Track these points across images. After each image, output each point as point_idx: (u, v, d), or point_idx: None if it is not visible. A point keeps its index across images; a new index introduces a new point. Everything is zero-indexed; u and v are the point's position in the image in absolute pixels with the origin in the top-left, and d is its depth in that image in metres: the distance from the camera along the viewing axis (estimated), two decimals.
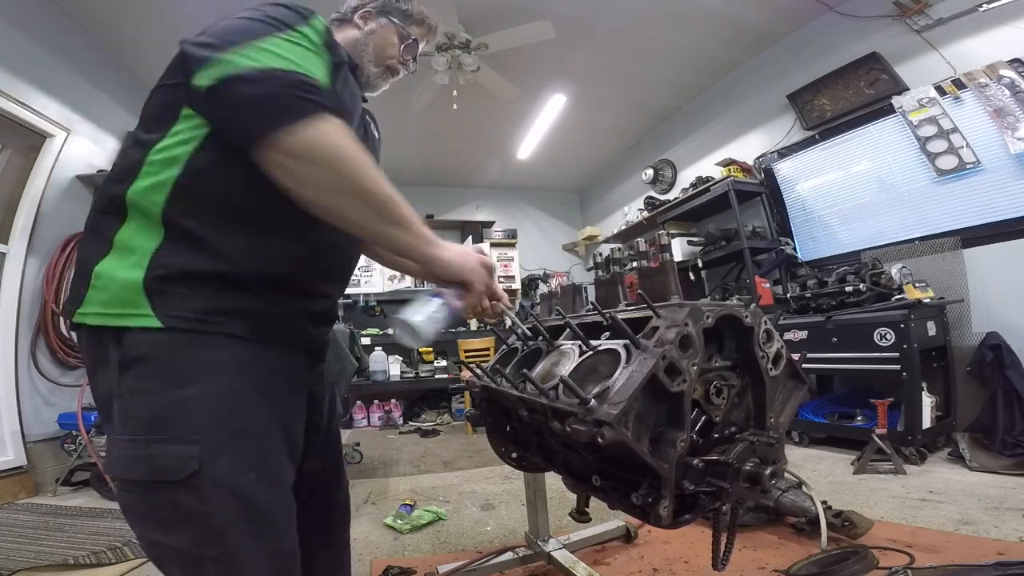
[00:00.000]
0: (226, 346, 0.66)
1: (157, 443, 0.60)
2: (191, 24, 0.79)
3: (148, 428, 0.60)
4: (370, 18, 1.01)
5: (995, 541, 1.37)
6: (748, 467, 0.71)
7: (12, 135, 2.55)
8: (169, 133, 0.66)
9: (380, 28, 1.00)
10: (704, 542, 1.39)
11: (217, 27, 0.70)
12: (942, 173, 2.57)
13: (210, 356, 0.65)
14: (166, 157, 0.65)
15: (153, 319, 0.62)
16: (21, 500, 2.23)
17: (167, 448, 0.59)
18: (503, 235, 5.72)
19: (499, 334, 1.39)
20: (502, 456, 1.23)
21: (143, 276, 0.62)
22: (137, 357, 0.62)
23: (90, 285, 0.64)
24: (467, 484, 2.39)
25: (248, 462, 0.64)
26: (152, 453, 0.59)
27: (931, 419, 2.24)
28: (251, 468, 0.64)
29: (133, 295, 0.62)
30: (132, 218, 0.65)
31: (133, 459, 0.60)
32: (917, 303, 2.31)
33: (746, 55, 3.71)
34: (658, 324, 0.77)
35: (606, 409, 0.67)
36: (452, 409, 4.51)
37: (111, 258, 0.64)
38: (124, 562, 1.51)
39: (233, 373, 0.66)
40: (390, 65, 1.03)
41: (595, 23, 3.21)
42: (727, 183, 3.42)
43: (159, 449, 0.59)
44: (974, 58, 2.47)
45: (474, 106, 3.99)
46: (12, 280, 2.47)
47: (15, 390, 2.40)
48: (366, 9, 1.01)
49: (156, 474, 0.59)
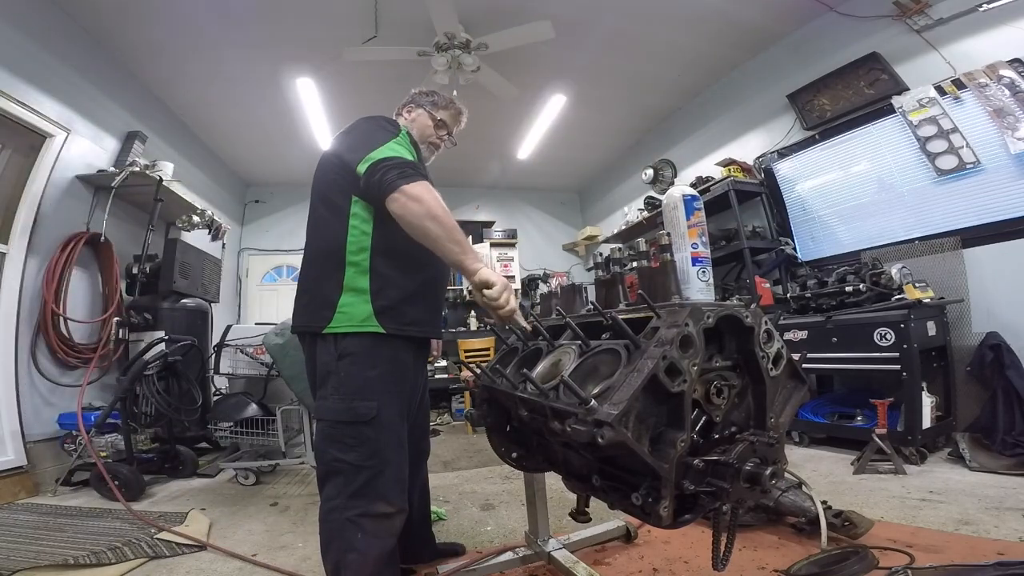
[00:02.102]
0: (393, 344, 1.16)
1: (358, 400, 1.10)
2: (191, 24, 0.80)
3: (354, 392, 1.10)
4: (411, 111, 1.47)
5: (995, 541, 1.36)
6: (748, 467, 0.71)
7: (12, 135, 2.55)
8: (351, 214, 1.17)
9: (418, 116, 1.45)
10: (704, 542, 1.38)
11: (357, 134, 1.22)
12: (942, 173, 2.57)
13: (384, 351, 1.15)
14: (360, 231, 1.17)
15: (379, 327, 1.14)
16: (21, 500, 2.22)
17: (363, 403, 1.09)
18: (503, 235, 5.72)
19: (499, 334, 1.39)
20: (502, 456, 1.23)
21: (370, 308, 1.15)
22: (349, 352, 1.12)
23: (336, 311, 1.14)
24: (467, 484, 2.39)
25: (399, 411, 1.16)
26: (354, 406, 1.09)
27: (931, 419, 2.24)
28: (398, 415, 1.16)
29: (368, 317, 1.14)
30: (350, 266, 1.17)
31: (342, 410, 1.10)
32: (917, 303, 2.31)
33: (746, 55, 3.71)
34: (658, 324, 0.77)
35: (606, 409, 0.67)
36: (452, 409, 4.51)
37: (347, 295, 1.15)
38: (124, 562, 1.51)
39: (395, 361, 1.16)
40: (432, 142, 1.46)
41: (595, 23, 3.20)
42: (727, 183, 3.42)
43: (359, 404, 1.09)
44: (974, 58, 2.47)
45: (474, 106, 3.94)
46: (12, 280, 2.47)
47: (15, 390, 2.40)
48: (408, 105, 1.49)
49: (357, 417, 1.09)
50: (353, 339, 1.13)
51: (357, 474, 1.06)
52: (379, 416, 1.09)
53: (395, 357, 1.17)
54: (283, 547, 1.65)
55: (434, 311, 1.30)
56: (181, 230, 3.60)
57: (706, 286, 0.99)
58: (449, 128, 1.48)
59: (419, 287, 1.22)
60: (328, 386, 1.13)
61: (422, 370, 1.38)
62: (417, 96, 1.48)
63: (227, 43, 3.19)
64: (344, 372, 1.12)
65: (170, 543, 1.66)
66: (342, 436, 1.09)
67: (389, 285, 1.17)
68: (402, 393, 1.18)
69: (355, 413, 1.08)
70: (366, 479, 1.06)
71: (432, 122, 1.44)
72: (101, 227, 2.92)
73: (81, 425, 2.30)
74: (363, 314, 1.14)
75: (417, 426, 1.38)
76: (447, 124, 1.47)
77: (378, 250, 1.17)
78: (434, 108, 1.45)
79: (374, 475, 1.07)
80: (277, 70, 3.48)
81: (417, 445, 1.39)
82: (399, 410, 1.16)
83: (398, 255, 1.18)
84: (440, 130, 1.46)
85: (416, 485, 1.42)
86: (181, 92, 3.75)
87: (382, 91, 3.11)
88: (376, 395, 1.11)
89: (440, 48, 3.05)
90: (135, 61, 3.33)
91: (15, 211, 2.55)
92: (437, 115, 1.45)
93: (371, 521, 1.05)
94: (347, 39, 3.06)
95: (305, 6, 2.90)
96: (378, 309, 1.14)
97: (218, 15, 2.92)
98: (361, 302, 1.14)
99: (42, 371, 2.58)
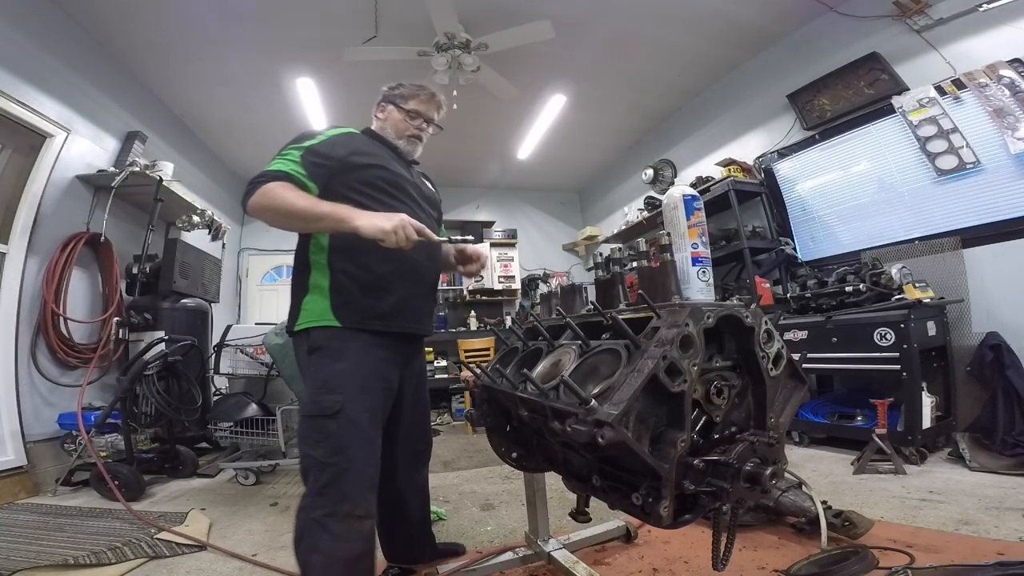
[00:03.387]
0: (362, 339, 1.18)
1: (323, 393, 1.10)
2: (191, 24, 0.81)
3: (320, 384, 1.12)
4: (384, 109, 1.43)
5: (995, 541, 1.36)
6: (748, 467, 0.71)
7: (12, 135, 2.55)
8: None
9: (390, 113, 1.42)
10: (704, 542, 1.38)
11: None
12: (942, 173, 2.57)
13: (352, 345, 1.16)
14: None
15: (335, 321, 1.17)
16: (21, 500, 2.22)
17: (327, 397, 1.10)
18: (503, 235, 5.72)
19: (499, 334, 1.39)
20: (502, 456, 1.23)
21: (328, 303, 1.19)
22: (317, 345, 1.16)
23: (301, 309, 1.21)
24: (467, 484, 2.39)
25: (367, 409, 1.14)
26: (319, 399, 1.10)
27: (931, 419, 2.24)
28: (367, 412, 1.13)
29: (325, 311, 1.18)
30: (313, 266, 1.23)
31: (309, 403, 1.12)
32: (917, 303, 2.31)
33: (746, 55, 3.71)
34: (659, 324, 0.77)
35: (606, 409, 0.67)
36: (452, 409, 4.51)
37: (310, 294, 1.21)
38: (124, 562, 1.51)
39: (365, 356, 1.17)
40: (410, 135, 1.42)
41: (595, 23, 3.20)
42: (727, 183, 3.42)
43: (323, 397, 1.10)
44: (974, 58, 2.47)
45: (474, 106, 3.98)
46: (12, 280, 2.47)
47: (15, 390, 2.40)
48: (380, 104, 1.45)
49: (321, 411, 1.09)
50: (320, 333, 1.16)
51: (322, 472, 1.06)
52: (343, 411, 1.08)
53: (365, 352, 1.17)
54: (283, 547, 1.65)
55: (408, 305, 1.28)
56: (181, 230, 3.60)
57: (706, 286, 0.99)
58: (425, 115, 1.43)
59: (380, 281, 1.22)
60: (305, 382, 1.19)
61: (410, 368, 1.36)
62: (386, 93, 1.45)
63: (227, 43, 3.19)
64: (313, 365, 1.15)
65: (170, 543, 1.66)
66: (309, 431, 1.11)
67: (348, 281, 1.20)
68: (371, 390, 1.16)
69: (319, 406, 1.09)
70: (330, 477, 1.05)
71: (403, 115, 1.40)
72: (101, 227, 2.92)
73: (81, 425, 2.30)
74: (321, 309, 1.18)
75: (414, 427, 1.38)
76: (421, 112, 1.42)
77: (336, 248, 1.21)
78: (402, 101, 1.41)
79: (338, 473, 1.05)
80: (277, 70, 3.48)
81: (413, 447, 1.39)
82: (368, 408, 1.14)
83: (357, 251, 1.20)
84: (415, 120, 1.41)
85: (416, 486, 1.41)
86: (181, 92, 3.75)
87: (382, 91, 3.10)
88: (342, 389, 1.11)
89: (440, 48, 3.05)
90: (135, 61, 3.33)
91: (15, 211, 2.54)
92: (407, 107, 1.40)
93: (337, 522, 1.03)
94: (347, 39, 3.06)
95: (305, 6, 2.90)
96: (335, 304, 1.18)
97: (218, 15, 2.92)
98: (320, 299, 1.19)
99: (42, 371, 2.58)
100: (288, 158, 1.18)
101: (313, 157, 1.19)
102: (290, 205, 1.09)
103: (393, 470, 1.34)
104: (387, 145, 1.39)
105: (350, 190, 1.21)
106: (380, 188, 1.26)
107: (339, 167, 1.23)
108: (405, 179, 1.34)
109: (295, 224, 1.16)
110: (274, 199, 1.10)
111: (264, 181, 1.12)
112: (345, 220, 1.08)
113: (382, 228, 1.06)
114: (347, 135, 1.31)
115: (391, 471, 1.33)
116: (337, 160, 1.22)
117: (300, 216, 1.10)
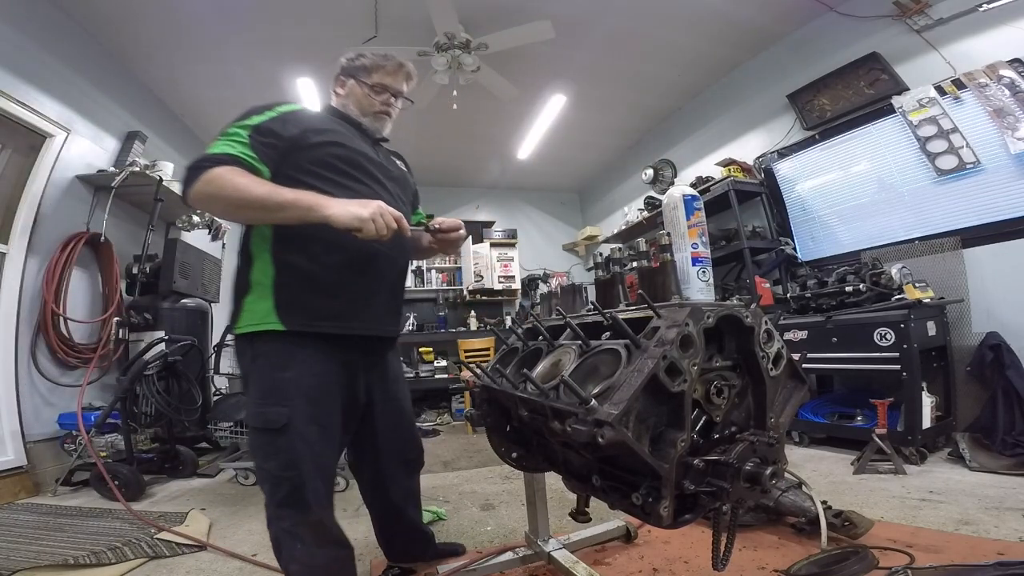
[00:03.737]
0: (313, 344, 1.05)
1: (268, 404, 1.00)
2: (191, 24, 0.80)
3: (264, 395, 1.01)
4: (343, 84, 1.28)
5: (995, 541, 1.36)
6: (748, 467, 0.71)
7: (12, 135, 2.55)
8: None
9: (351, 89, 1.26)
10: (704, 542, 1.38)
11: None
12: (942, 173, 2.57)
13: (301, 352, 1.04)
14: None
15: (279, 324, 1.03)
16: (21, 500, 2.22)
17: (273, 409, 0.99)
18: (503, 235, 5.72)
19: (499, 334, 1.38)
20: (502, 456, 1.23)
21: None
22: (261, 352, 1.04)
23: (242, 309, 1.06)
24: (467, 484, 2.39)
25: (317, 421, 1.03)
26: (264, 411, 1.00)
27: (931, 419, 2.24)
28: (315, 423, 1.03)
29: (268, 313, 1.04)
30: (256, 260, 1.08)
31: (254, 415, 1.02)
32: (917, 303, 2.31)
33: (746, 55, 3.71)
34: (659, 324, 0.77)
35: (606, 409, 0.67)
36: (452, 409, 4.51)
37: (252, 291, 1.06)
38: (124, 562, 1.51)
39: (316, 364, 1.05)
40: (377, 111, 1.27)
41: (595, 23, 3.20)
42: (727, 183, 3.42)
43: (268, 409, 1.00)
44: (974, 58, 2.47)
45: (474, 106, 3.99)
46: (12, 280, 2.47)
47: (15, 390, 2.40)
48: (339, 78, 1.29)
49: (267, 424, 0.99)
50: (265, 339, 1.04)
51: (279, 484, 0.99)
52: (291, 424, 0.99)
53: (315, 359, 1.05)
54: None
55: (367, 302, 1.14)
56: (181, 230, 3.60)
57: (706, 286, 0.99)
58: (393, 89, 1.27)
59: (334, 274, 1.08)
60: (248, 389, 1.08)
61: (377, 373, 1.24)
62: (345, 65, 1.28)
63: (227, 43, 3.19)
64: (256, 374, 1.04)
65: (170, 543, 1.66)
66: (258, 443, 1.03)
67: (294, 275, 1.06)
68: (322, 402, 1.05)
69: (265, 419, 1.00)
70: (288, 490, 0.99)
71: (366, 90, 1.25)
72: (101, 227, 2.92)
73: (81, 425, 2.30)
74: (263, 310, 1.04)
75: (397, 437, 1.29)
76: (388, 86, 1.26)
77: (280, 237, 1.06)
78: (364, 74, 1.25)
79: (295, 487, 0.99)
80: (277, 70, 3.47)
81: (403, 456, 1.32)
82: (318, 420, 1.03)
83: (304, 239, 1.05)
84: (381, 95, 1.25)
85: (412, 493, 1.38)
86: (181, 92, 3.75)
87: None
88: (288, 400, 1.00)
89: (440, 48, 3.05)
90: (135, 61, 3.33)
91: (15, 211, 2.54)
92: (371, 80, 1.25)
93: (307, 531, 0.99)
94: (347, 39, 3.06)
95: (305, 6, 2.90)
96: (279, 303, 1.04)
97: (218, 15, 2.92)
98: (263, 297, 1.05)
99: (42, 371, 2.58)
100: (234, 139, 1.02)
101: (262, 136, 1.04)
102: (244, 193, 0.94)
103: (385, 481, 1.29)
104: (349, 122, 1.24)
105: (302, 172, 1.06)
106: (337, 169, 1.11)
107: (290, 147, 1.07)
108: (368, 158, 1.19)
109: (252, 215, 1.01)
110: (224, 187, 0.94)
111: (209, 166, 0.96)
112: (313, 208, 0.95)
113: (358, 216, 0.94)
114: (300, 111, 1.16)
115: (383, 483, 1.29)
116: (289, 139, 1.07)
117: (258, 205, 0.95)
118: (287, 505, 0.99)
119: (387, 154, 1.33)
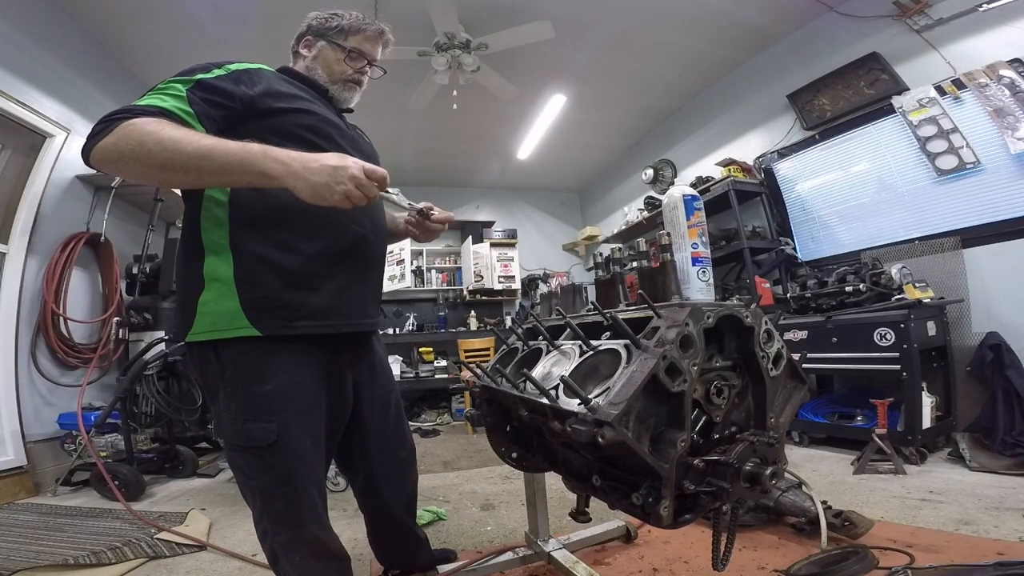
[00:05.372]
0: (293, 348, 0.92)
1: (251, 421, 0.87)
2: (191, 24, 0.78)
3: (245, 411, 0.88)
4: (311, 45, 1.12)
5: (995, 541, 1.36)
6: (748, 467, 0.71)
7: (12, 135, 2.55)
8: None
9: (321, 51, 1.11)
10: (704, 542, 1.39)
11: None
12: (942, 173, 2.57)
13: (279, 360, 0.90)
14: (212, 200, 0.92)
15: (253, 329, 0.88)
16: (21, 500, 2.23)
17: (258, 426, 0.87)
18: (503, 235, 5.71)
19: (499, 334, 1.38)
20: (502, 456, 1.23)
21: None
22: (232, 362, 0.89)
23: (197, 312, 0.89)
24: (467, 484, 2.39)
25: (310, 432, 0.93)
26: (247, 428, 0.87)
27: (931, 419, 2.24)
28: (308, 436, 0.93)
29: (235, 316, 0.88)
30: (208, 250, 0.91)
31: (236, 432, 0.88)
32: (917, 303, 2.31)
33: (746, 55, 3.71)
34: (659, 324, 0.77)
35: (607, 409, 0.67)
36: (452, 409, 4.51)
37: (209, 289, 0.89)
38: (124, 562, 1.51)
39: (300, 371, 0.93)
40: (347, 79, 1.12)
41: (595, 23, 3.20)
42: (727, 183, 3.42)
43: (252, 427, 0.87)
44: (974, 58, 2.47)
45: (474, 106, 3.98)
46: (12, 280, 2.47)
47: (15, 390, 2.40)
48: (307, 38, 1.13)
49: (253, 442, 0.87)
50: (234, 346, 0.87)
51: (272, 500, 0.90)
52: (282, 440, 0.88)
53: (299, 365, 0.92)
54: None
55: (349, 295, 0.99)
56: (181, 230, 3.60)
57: (706, 286, 0.99)
58: (369, 56, 1.13)
59: (311, 265, 0.93)
60: (219, 401, 0.91)
61: (362, 370, 1.12)
62: (316, 26, 1.12)
63: (227, 43, 3.18)
64: (230, 386, 0.89)
65: (170, 543, 1.66)
66: (241, 463, 0.91)
67: (262, 267, 0.88)
68: (312, 411, 0.94)
69: (250, 437, 0.87)
70: (284, 505, 0.90)
71: (341, 55, 1.10)
72: (101, 227, 2.93)
73: (81, 425, 2.30)
74: (228, 312, 0.87)
75: (388, 436, 1.19)
76: (366, 52, 1.12)
77: (239, 219, 0.89)
78: (339, 36, 1.10)
79: (291, 502, 0.90)
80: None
81: (395, 455, 1.22)
82: (310, 431, 0.93)
83: (273, 223, 0.89)
84: (356, 62, 1.11)
85: (405, 495, 1.27)
86: None
87: (381, 91, 3.11)
88: (275, 414, 0.88)
89: (440, 48, 3.05)
90: (135, 61, 3.33)
91: (15, 211, 2.55)
92: (347, 44, 1.10)
93: (304, 547, 0.92)
94: None
95: (305, 6, 2.89)
96: (248, 303, 0.87)
97: (218, 15, 2.91)
98: (224, 296, 0.87)
99: (42, 371, 2.58)
100: (168, 92, 0.83)
101: (206, 94, 0.85)
102: (173, 146, 0.73)
103: (377, 485, 1.19)
104: (316, 88, 1.09)
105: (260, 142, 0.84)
106: (305, 140, 0.93)
107: (244, 111, 0.89)
108: (338, 129, 1.04)
109: (178, 176, 0.77)
110: (144, 141, 0.73)
111: (125, 117, 0.76)
112: (267, 175, 0.77)
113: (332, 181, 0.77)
114: (258, 70, 0.97)
115: (376, 487, 1.20)
116: (242, 101, 0.89)
117: (192, 167, 0.74)
118: (282, 522, 0.91)
119: (352, 127, 1.18)
